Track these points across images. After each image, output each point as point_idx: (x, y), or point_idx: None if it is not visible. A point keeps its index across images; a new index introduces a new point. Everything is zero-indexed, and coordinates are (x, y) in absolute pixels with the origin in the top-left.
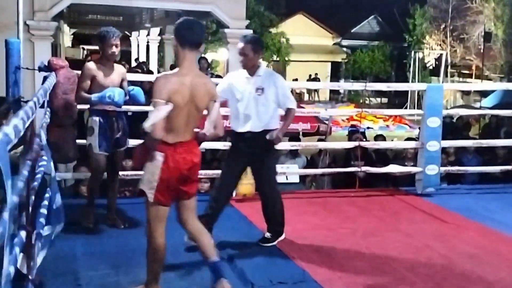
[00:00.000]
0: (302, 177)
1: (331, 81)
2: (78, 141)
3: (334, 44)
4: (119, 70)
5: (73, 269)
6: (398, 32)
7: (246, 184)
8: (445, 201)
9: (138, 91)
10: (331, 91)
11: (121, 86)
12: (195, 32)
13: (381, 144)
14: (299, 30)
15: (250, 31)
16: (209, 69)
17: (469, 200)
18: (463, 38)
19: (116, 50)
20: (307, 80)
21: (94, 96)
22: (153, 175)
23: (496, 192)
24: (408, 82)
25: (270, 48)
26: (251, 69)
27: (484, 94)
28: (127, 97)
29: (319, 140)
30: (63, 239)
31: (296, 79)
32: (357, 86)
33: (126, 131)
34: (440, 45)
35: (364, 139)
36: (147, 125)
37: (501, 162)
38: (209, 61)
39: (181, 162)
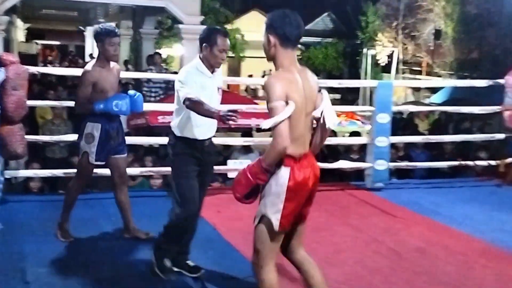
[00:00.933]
0: None
1: None
2: (32, 137)
3: None
4: (116, 69)
5: (21, 266)
6: (351, 30)
7: None
8: (394, 196)
9: (140, 98)
10: None
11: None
12: (296, 26)
13: (331, 140)
14: (254, 26)
15: (204, 27)
16: (163, 64)
17: (417, 195)
18: (414, 35)
19: (118, 49)
20: (262, 77)
21: (98, 106)
22: (278, 196)
23: (444, 187)
24: (360, 78)
25: None
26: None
27: (433, 90)
28: None
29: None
30: (11, 236)
31: (251, 75)
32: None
33: (124, 136)
34: (392, 42)
35: None
36: (276, 137)
37: (448, 157)
38: (164, 56)
39: (308, 177)
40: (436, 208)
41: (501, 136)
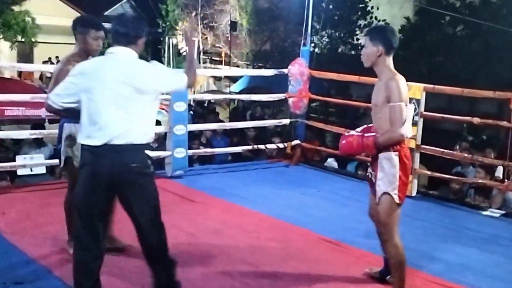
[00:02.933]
0: (51, 168)
1: None
2: None
3: None
4: None
5: None
6: (152, 18)
7: None
8: (193, 182)
9: None
10: None
11: None
12: (397, 36)
13: None
14: (47, 10)
15: None
16: None
17: (216, 179)
18: (213, 26)
19: (101, 44)
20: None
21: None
22: (394, 176)
23: (240, 170)
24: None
25: (14, 27)
26: None
27: (233, 80)
28: None
29: None
30: None
31: (47, 61)
32: None
33: None
34: None
35: None
36: (398, 130)
37: (251, 143)
38: None
39: (409, 156)
40: (232, 189)
41: (287, 121)
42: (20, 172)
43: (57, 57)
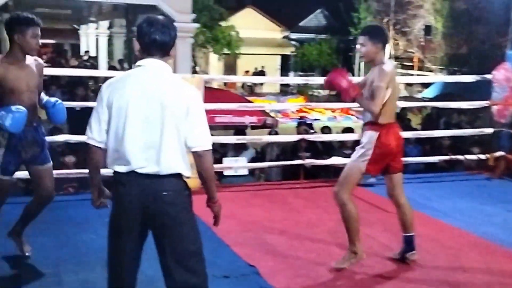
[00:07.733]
0: (252, 169)
1: (281, 73)
2: None
3: (283, 37)
4: (35, 66)
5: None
6: (344, 26)
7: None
8: (385, 191)
9: (59, 109)
10: (281, 84)
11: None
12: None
13: (323, 137)
14: (249, 23)
15: (197, 25)
16: None
17: (409, 189)
18: (405, 31)
19: (38, 42)
20: (253, 74)
21: None
22: (367, 150)
23: (435, 181)
24: (354, 74)
25: (221, 41)
26: None
27: (425, 85)
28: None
29: (269, 133)
30: None
31: (248, 71)
32: (298, 80)
33: (45, 143)
34: None
35: (312, 131)
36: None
37: (444, 152)
38: None
39: (389, 140)
40: (427, 202)
41: (490, 130)
42: (226, 172)
43: (256, 68)
